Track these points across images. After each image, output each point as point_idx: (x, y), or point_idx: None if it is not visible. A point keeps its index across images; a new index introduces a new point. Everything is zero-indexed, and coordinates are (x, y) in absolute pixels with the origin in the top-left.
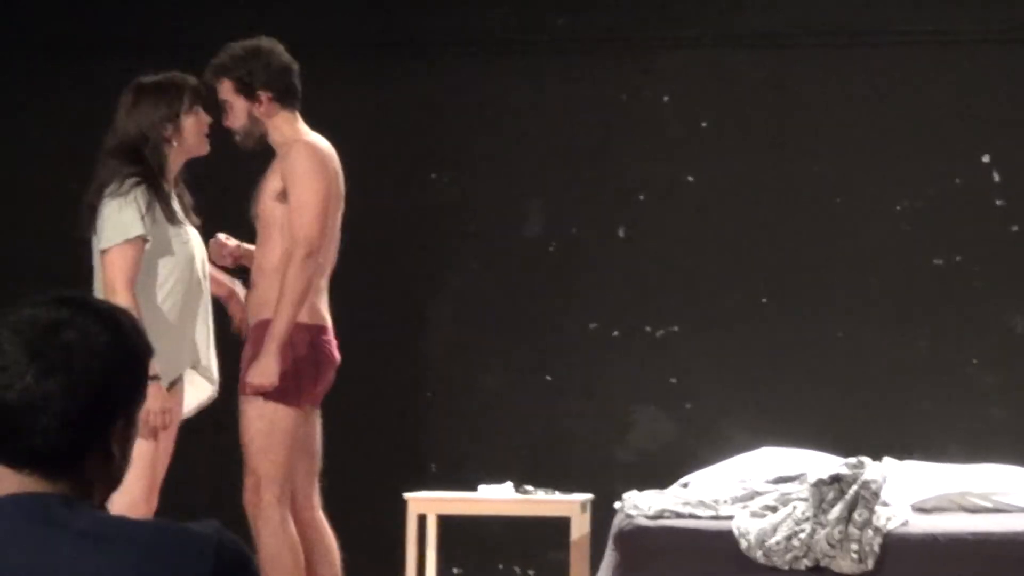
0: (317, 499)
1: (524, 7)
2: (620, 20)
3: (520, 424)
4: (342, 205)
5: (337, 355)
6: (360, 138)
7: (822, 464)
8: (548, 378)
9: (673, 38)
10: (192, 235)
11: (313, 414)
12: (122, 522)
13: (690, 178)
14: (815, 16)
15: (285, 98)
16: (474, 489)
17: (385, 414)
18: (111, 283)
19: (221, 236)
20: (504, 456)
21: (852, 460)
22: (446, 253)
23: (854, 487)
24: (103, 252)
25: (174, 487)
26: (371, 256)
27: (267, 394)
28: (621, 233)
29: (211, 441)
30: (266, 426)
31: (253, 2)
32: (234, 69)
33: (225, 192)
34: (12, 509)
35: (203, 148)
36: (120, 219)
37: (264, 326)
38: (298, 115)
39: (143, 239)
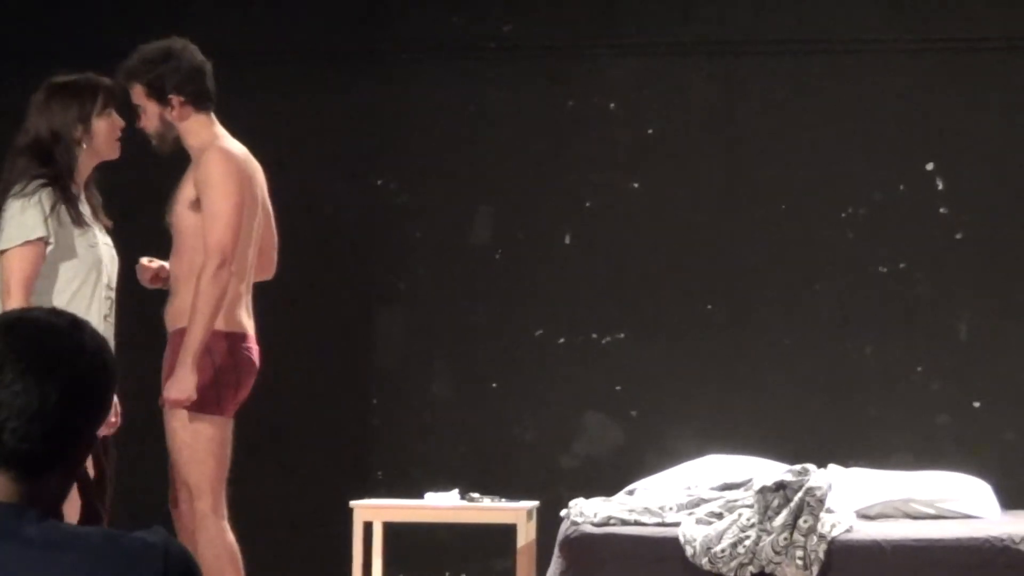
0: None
1: (471, 13)
2: (567, 27)
3: (467, 431)
4: (259, 211)
5: (257, 362)
6: (307, 144)
7: (767, 471)
8: (494, 385)
9: (620, 45)
10: (100, 238)
11: (229, 422)
12: (71, 531)
13: (636, 185)
14: (761, 25)
15: (198, 101)
16: (420, 496)
17: (331, 421)
18: (6, 284)
19: (144, 260)
20: (450, 463)
21: (797, 467)
22: (394, 260)
23: (799, 494)
24: (1, 253)
25: (119, 496)
26: (318, 263)
27: (192, 406)
28: (567, 240)
29: (144, 450)
30: (190, 436)
31: (198, 7)
32: (144, 73)
33: (143, 197)
34: None
35: (114, 152)
36: (22, 220)
37: (182, 334)
38: (213, 118)
39: (44, 241)
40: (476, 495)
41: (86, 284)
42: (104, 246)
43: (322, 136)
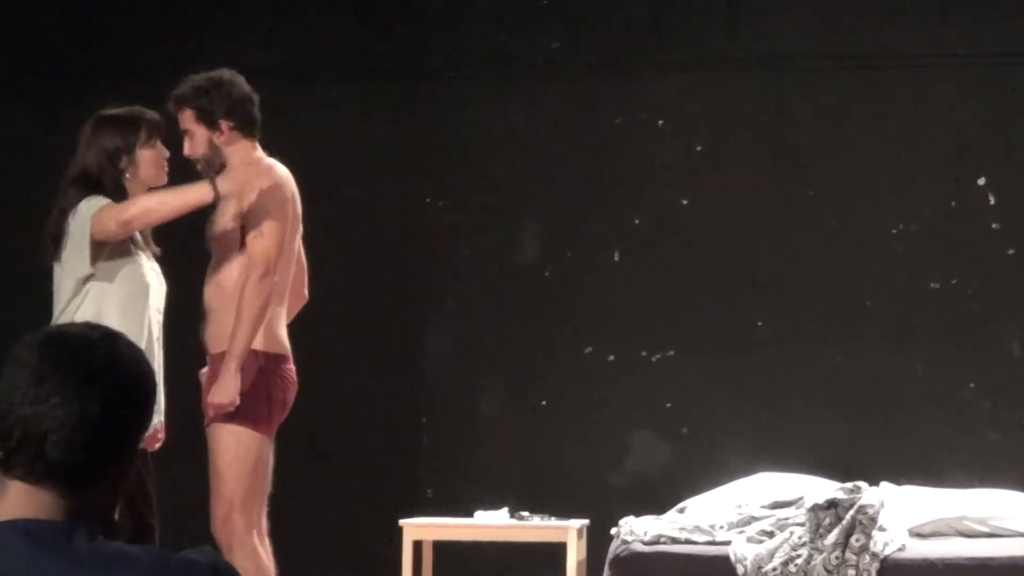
0: (265, 526)
1: (519, 31)
2: (615, 44)
3: (516, 449)
4: (300, 229)
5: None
6: (355, 164)
7: (819, 489)
8: (544, 403)
9: (668, 61)
10: (147, 264)
11: (272, 441)
12: (122, 550)
13: (684, 202)
14: (811, 39)
15: (245, 127)
16: (470, 515)
17: (381, 440)
18: (104, 227)
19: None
20: (500, 481)
21: (849, 485)
22: (442, 278)
23: (851, 512)
24: (91, 230)
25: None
26: (367, 281)
27: (242, 420)
28: (616, 257)
29: (187, 471)
30: (243, 452)
31: (243, 23)
32: (195, 99)
33: (189, 224)
34: (13, 535)
35: (160, 179)
36: (93, 206)
37: (223, 359)
38: (258, 146)
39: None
40: (526, 513)
41: (134, 310)
42: (152, 272)
43: (370, 155)
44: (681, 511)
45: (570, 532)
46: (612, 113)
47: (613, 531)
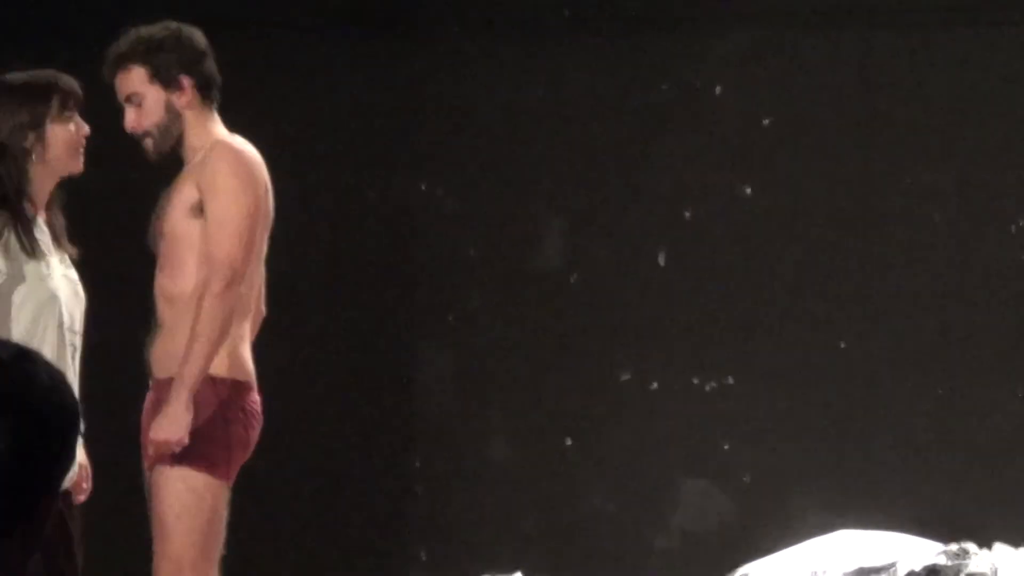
0: None
1: None
2: None
3: (533, 500)
4: (270, 226)
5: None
6: (331, 139)
7: (915, 552)
8: (569, 442)
9: (728, 14)
10: (58, 269)
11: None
12: None
13: (748, 190)
14: None
15: (206, 89)
16: None
17: (364, 488)
18: None
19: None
20: (513, 541)
21: (953, 547)
22: (441, 285)
23: None
24: None
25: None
26: (345, 290)
27: (195, 462)
28: (661, 260)
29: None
30: (196, 501)
31: None
32: (147, 53)
33: (114, 219)
34: None
35: (75, 165)
36: None
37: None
38: (217, 115)
39: None
40: None
41: (37, 324)
42: (63, 279)
43: (350, 128)
44: None
45: None
46: (657, 78)
47: None
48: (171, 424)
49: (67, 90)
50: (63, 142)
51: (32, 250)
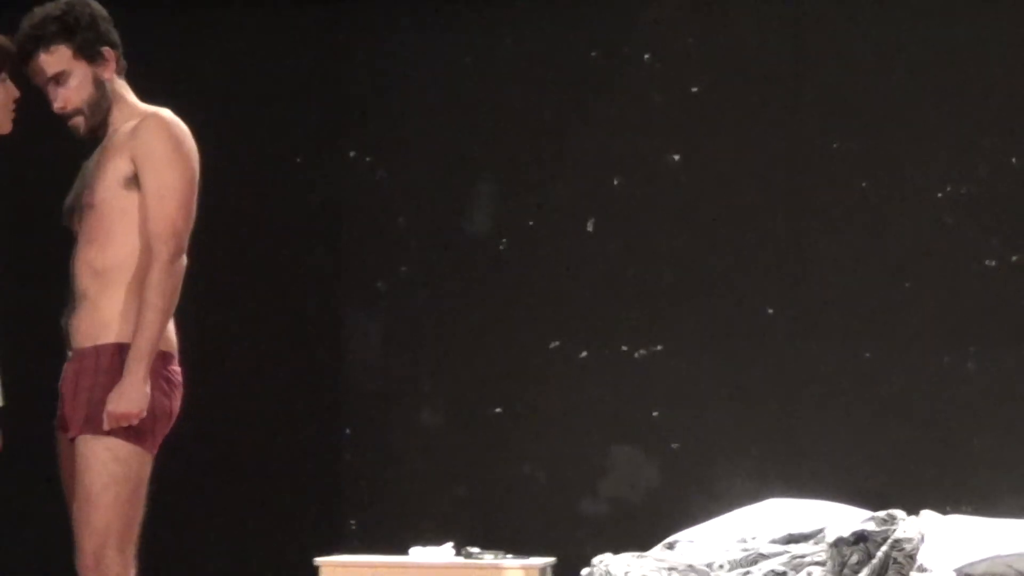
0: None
1: None
2: None
3: (463, 469)
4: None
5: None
6: (254, 106)
7: (843, 519)
8: (498, 410)
9: None
10: None
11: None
12: None
13: (676, 157)
14: None
15: (119, 60)
16: (405, 552)
17: (292, 457)
18: None
19: None
20: (443, 510)
21: (881, 514)
22: (370, 253)
23: (883, 548)
24: None
25: None
26: (272, 259)
27: (119, 432)
28: (590, 227)
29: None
30: (123, 471)
31: None
32: (68, 30)
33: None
34: None
35: (5, 126)
36: None
37: (101, 352)
38: (127, 85)
39: None
40: (476, 550)
41: None
42: None
43: (274, 95)
44: (670, 547)
45: (531, 573)
46: (586, 46)
47: (585, 572)
48: (131, 396)
49: (3, 53)
50: None
51: None
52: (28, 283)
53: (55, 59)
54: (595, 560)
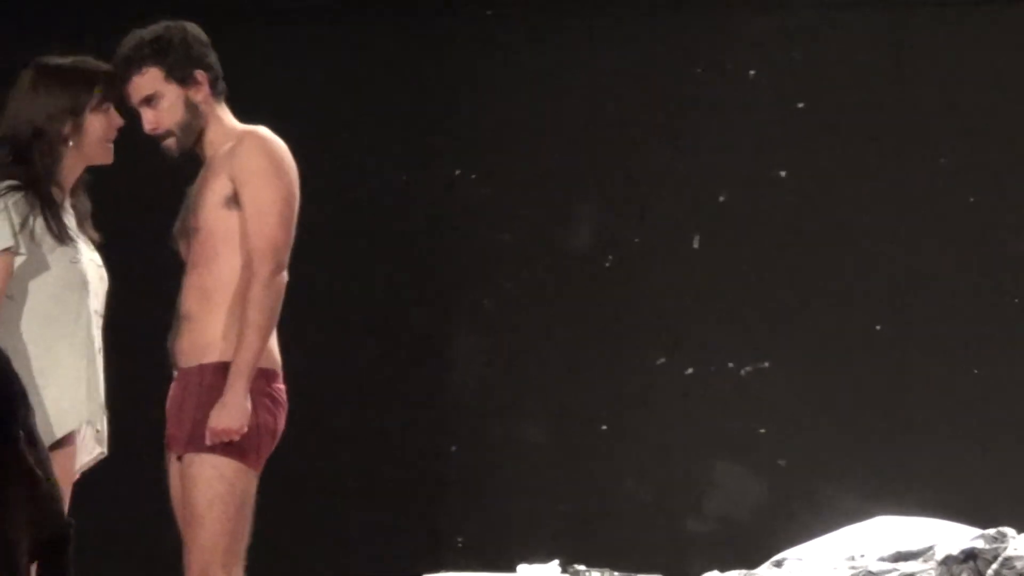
0: None
1: None
2: None
3: (569, 486)
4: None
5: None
6: (358, 126)
7: (952, 537)
8: (603, 427)
9: None
10: (86, 253)
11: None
12: None
13: (782, 173)
14: None
15: (216, 82)
16: (511, 569)
17: (398, 475)
18: None
19: None
20: (549, 527)
21: (991, 531)
22: (475, 271)
23: (993, 566)
24: None
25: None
26: (377, 276)
27: (226, 450)
28: (696, 244)
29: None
30: (227, 489)
31: None
32: (159, 53)
33: (131, 210)
34: None
35: (107, 156)
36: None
37: (204, 371)
38: (226, 106)
39: (12, 252)
40: (582, 568)
41: (66, 309)
42: (91, 263)
43: (379, 115)
44: (778, 564)
45: None
46: (690, 62)
47: None
48: (232, 413)
49: (109, 80)
50: (99, 132)
51: (61, 235)
52: (135, 306)
53: (146, 81)
54: None
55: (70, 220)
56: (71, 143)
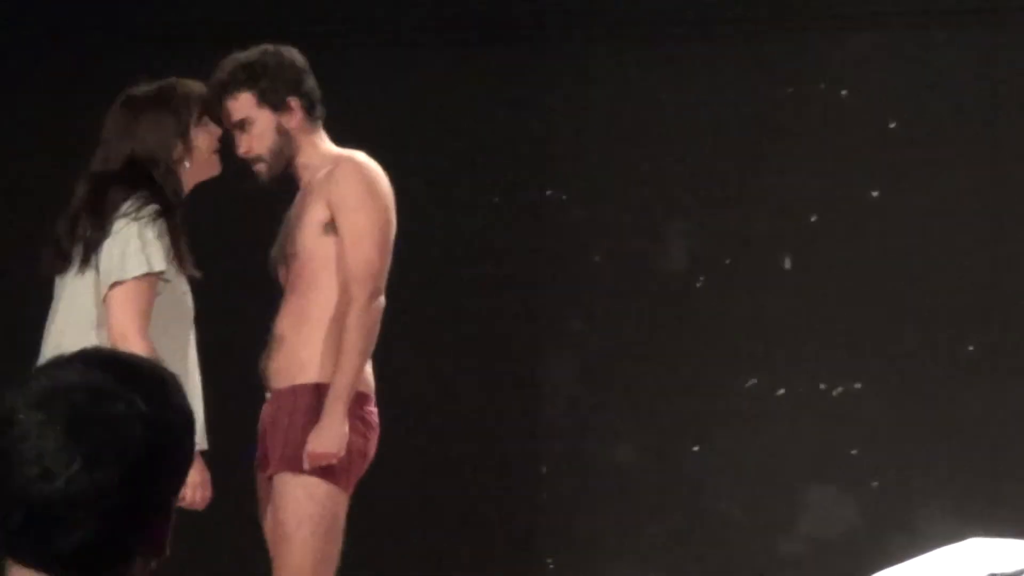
0: None
1: None
2: None
3: (660, 507)
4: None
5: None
6: (451, 147)
7: None
8: (695, 449)
9: (851, 16)
10: (186, 284)
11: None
12: None
13: (875, 193)
14: None
15: (312, 108)
16: None
17: (487, 496)
18: (122, 327)
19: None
20: (640, 548)
21: None
22: (566, 291)
23: None
24: (116, 284)
25: None
26: (471, 297)
27: (315, 471)
28: (787, 264)
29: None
30: (318, 510)
31: None
32: (252, 78)
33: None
34: None
35: (215, 167)
36: (143, 244)
37: (299, 392)
38: (323, 131)
39: (161, 279)
40: None
41: (173, 341)
42: (190, 294)
43: (472, 137)
44: None
45: None
46: (781, 82)
47: None
48: (329, 437)
49: (200, 95)
50: (206, 146)
51: (183, 265)
52: (227, 327)
53: (239, 105)
54: None
55: (181, 249)
56: (185, 164)
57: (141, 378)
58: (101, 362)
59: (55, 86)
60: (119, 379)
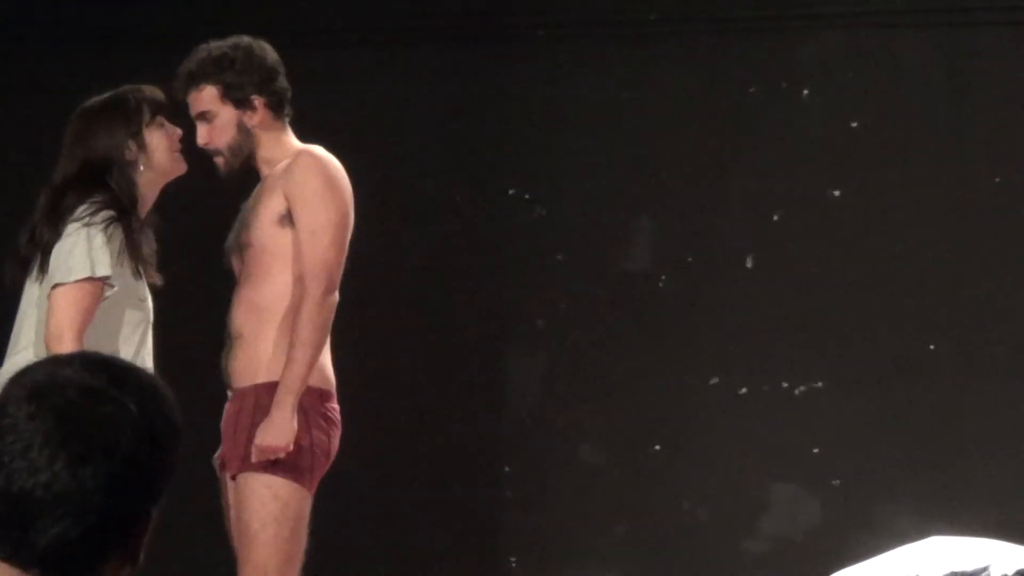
0: None
1: None
2: None
3: (623, 507)
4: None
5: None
6: (415, 146)
7: (1008, 557)
8: (657, 447)
9: (816, 16)
10: (145, 285)
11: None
12: None
13: (836, 193)
14: None
15: (279, 106)
16: None
17: (451, 496)
18: (59, 329)
19: None
20: (603, 548)
21: None
22: (530, 290)
23: None
24: (58, 285)
25: None
26: (433, 296)
27: (280, 469)
28: (749, 263)
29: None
30: (281, 509)
31: None
32: (218, 71)
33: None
34: None
35: (178, 166)
36: (88, 250)
37: (256, 392)
38: (290, 130)
39: (107, 284)
40: None
41: (128, 348)
42: (149, 295)
43: (434, 136)
44: None
45: None
46: (744, 81)
47: None
48: (277, 431)
49: (153, 98)
50: (163, 145)
51: (145, 271)
52: (188, 324)
53: (203, 97)
54: None
55: (144, 250)
56: (141, 165)
57: (136, 384)
58: (99, 363)
59: (32, 94)
60: (114, 381)
